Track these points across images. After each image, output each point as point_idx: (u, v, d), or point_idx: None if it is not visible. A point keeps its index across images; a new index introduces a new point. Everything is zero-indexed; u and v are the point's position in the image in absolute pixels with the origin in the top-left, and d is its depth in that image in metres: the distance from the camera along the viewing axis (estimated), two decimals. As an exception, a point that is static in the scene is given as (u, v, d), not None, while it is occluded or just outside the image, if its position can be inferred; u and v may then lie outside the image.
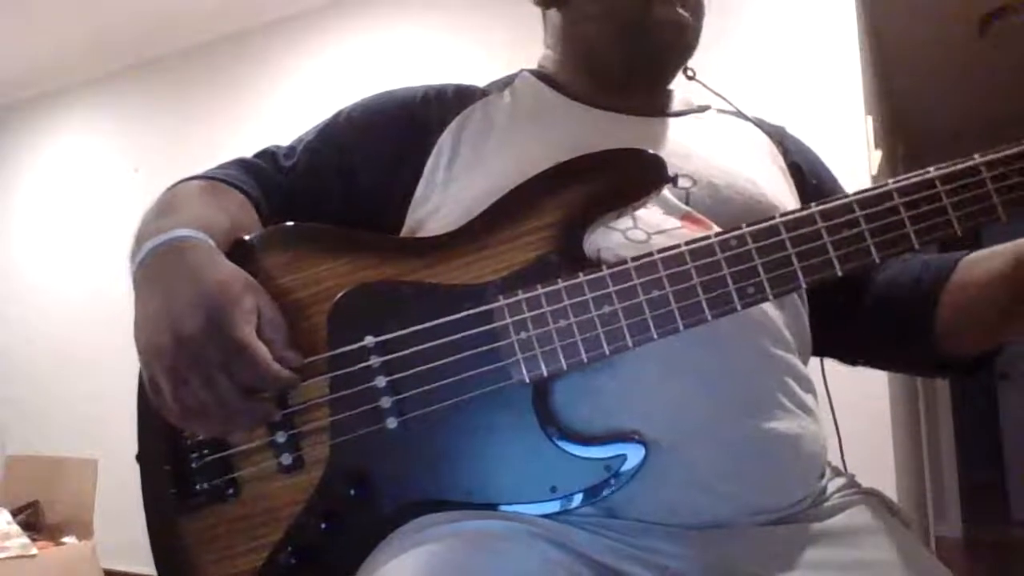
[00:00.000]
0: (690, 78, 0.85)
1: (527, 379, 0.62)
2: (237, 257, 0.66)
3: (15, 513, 2.37)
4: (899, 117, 3.89)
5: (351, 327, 0.65)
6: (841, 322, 0.80)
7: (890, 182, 0.61)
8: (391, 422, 0.63)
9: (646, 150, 0.67)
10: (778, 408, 0.66)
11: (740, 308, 0.61)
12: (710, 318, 0.60)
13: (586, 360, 0.61)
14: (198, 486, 0.66)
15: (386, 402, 0.63)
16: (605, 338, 0.61)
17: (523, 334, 0.62)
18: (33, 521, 2.41)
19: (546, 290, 0.62)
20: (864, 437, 1.09)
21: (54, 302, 3.75)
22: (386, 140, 0.78)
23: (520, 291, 0.63)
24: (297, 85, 3.22)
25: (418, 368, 0.63)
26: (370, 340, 0.64)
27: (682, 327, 0.61)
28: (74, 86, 3.83)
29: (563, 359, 0.61)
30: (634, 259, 0.62)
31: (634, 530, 0.62)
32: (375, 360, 0.64)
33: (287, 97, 3.22)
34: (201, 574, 0.66)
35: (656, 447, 0.61)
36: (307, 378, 0.64)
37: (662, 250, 0.62)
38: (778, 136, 0.86)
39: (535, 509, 0.62)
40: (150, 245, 0.65)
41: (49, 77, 3.79)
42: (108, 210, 3.61)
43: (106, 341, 3.07)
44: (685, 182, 0.72)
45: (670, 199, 0.70)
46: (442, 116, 0.78)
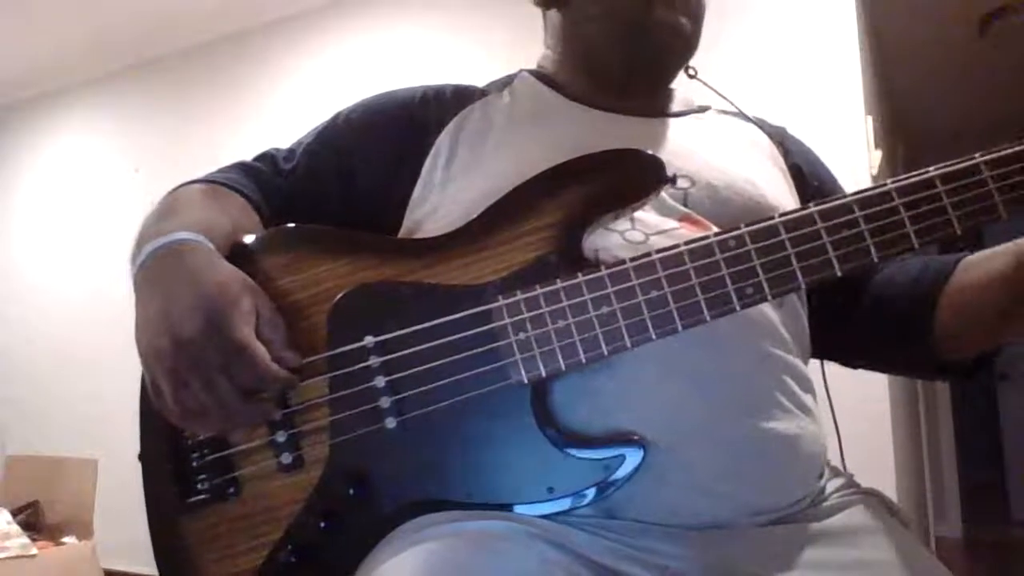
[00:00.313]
0: (692, 77, 0.85)
1: (525, 380, 0.62)
2: (238, 259, 0.66)
3: (15, 513, 2.37)
4: (899, 117, 3.89)
5: (351, 327, 0.65)
6: (840, 323, 0.80)
7: (889, 182, 0.61)
8: (390, 422, 0.63)
9: (645, 151, 0.67)
10: (777, 408, 0.66)
11: (739, 308, 0.61)
12: (709, 318, 0.60)
13: (584, 361, 0.61)
14: (199, 485, 0.66)
15: (385, 402, 0.63)
16: (603, 339, 0.61)
17: (521, 335, 0.62)
18: (33, 521, 2.41)
19: (545, 291, 0.62)
20: (864, 437, 1.09)
21: (54, 302, 3.75)
22: (385, 141, 0.78)
23: (519, 292, 0.63)
24: (297, 85, 3.22)
25: (417, 368, 0.63)
26: (369, 340, 0.64)
27: (681, 327, 0.61)
28: (74, 86, 3.83)
29: (561, 360, 0.61)
30: (633, 260, 0.62)
31: (633, 531, 0.63)
32: (374, 360, 0.64)
33: (287, 97, 3.22)
34: (202, 573, 0.66)
35: (655, 447, 0.61)
36: (307, 378, 0.64)
37: (660, 250, 0.62)
38: (779, 137, 0.86)
39: (534, 510, 0.62)
40: (150, 248, 0.65)
41: (49, 77, 3.79)
42: (108, 210, 3.61)
43: (106, 341, 3.07)
44: (684, 183, 0.72)
45: (668, 200, 0.70)
46: (440, 116, 0.78)
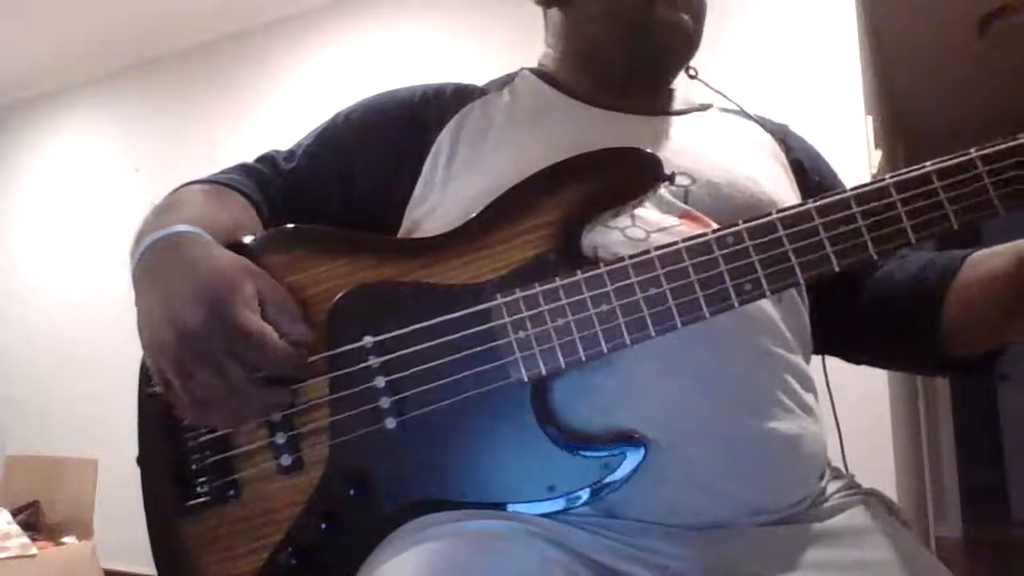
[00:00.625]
0: (692, 77, 0.85)
1: (525, 378, 0.62)
2: None
3: (15, 513, 2.37)
4: (899, 117, 3.89)
5: (350, 327, 0.65)
6: (840, 319, 0.80)
7: (886, 177, 0.60)
8: (390, 422, 0.63)
9: (643, 148, 0.67)
10: (778, 407, 0.66)
11: (738, 305, 0.61)
12: (708, 315, 0.60)
13: (584, 358, 0.61)
14: (199, 488, 0.66)
15: (385, 402, 0.63)
16: (603, 336, 0.61)
17: (521, 333, 0.62)
18: (33, 521, 2.41)
19: (544, 289, 0.62)
20: (864, 437, 1.09)
21: (54, 302, 3.75)
22: (385, 140, 0.78)
23: (518, 290, 0.63)
24: (297, 85, 3.22)
25: (417, 368, 0.63)
26: (369, 340, 0.64)
27: (680, 324, 0.61)
28: (74, 86, 3.83)
29: (561, 358, 0.61)
30: (631, 257, 0.62)
31: (633, 530, 0.62)
32: (374, 360, 0.64)
33: (287, 97, 3.22)
34: (202, 575, 0.66)
35: (655, 446, 0.61)
36: (307, 378, 0.64)
37: (659, 248, 0.62)
38: (780, 134, 0.86)
39: (534, 508, 0.62)
40: (148, 241, 0.65)
41: (49, 77, 3.79)
42: (108, 210, 3.61)
43: (106, 341, 3.08)
44: (684, 180, 0.71)
45: (669, 197, 0.70)
46: (440, 115, 0.78)
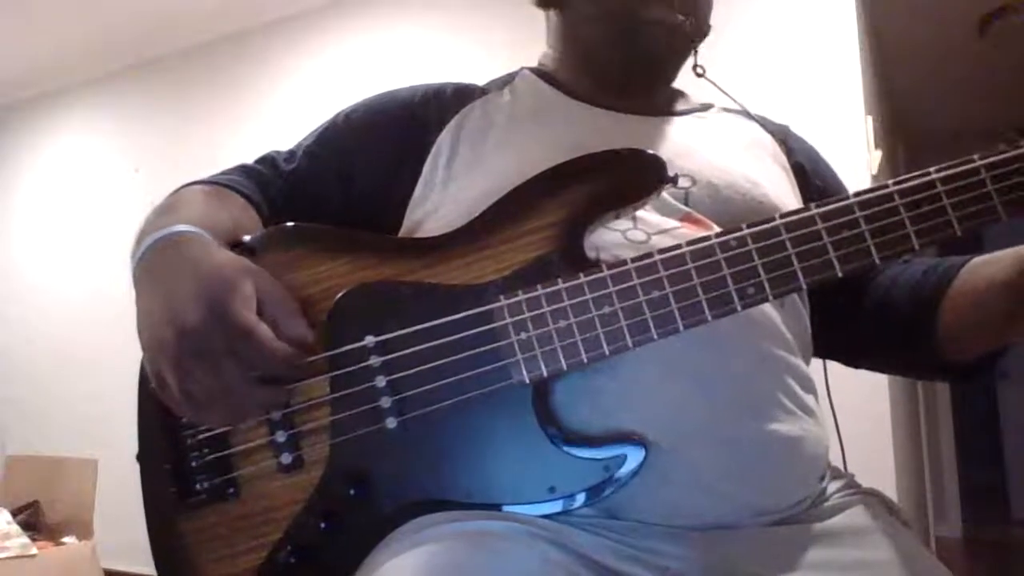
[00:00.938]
0: (699, 75, 0.85)
1: (527, 379, 0.61)
2: None
3: (15, 513, 2.37)
4: (899, 117, 3.89)
5: (351, 327, 0.65)
6: (842, 323, 0.80)
7: (890, 183, 0.61)
8: (391, 422, 0.63)
9: (646, 150, 0.67)
10: (779, 409, 0.66)
11: (740, 308, 0.61)
12: (710, 318, 0.60)
13: (586, 360, 0.61)
14: (198, 485, 0.66)
15: (386, 402, 0.63)
16: (605, 338, 0.61)
17: (523, 334, 0.62)
18: (33, 521, 2.41)
19: (546, 290, 0.62)
20: (864, 437, 1.09)
21: (54, 302, 3.75)
22: (386, 141, 0.78)
23: (520, 291, 0.63)
24: (297, 85, 3.22)
25: (418, 368, 0.63)
26: (370, 340, 0.64)
27: (682, 327, 0.60)
28: (74, 86, 3.83)
29: (563, 359, 0.61)
30: (634, 259, 0.62)
31: (634, 531, 0.62)
32: (375, 360, 0.64)
33: (287, 97, 3.22)
34: (201, 573, 0.66)
35: (656, 448, 0.61)
36: (307, 377, 0.64)
37: (662, 250, 0.62)
38: (781, 135, 0.86)
39: (534, 510, 0.62)
40: (149, 241, 0.65)
41: (49, 77, 3.79)
42: (108, 210, 3.61)
43: (106, 341, 3.08)
44: (685, 182, 0.71)
45: (669, 199, 0.70)
46: (441, 115, 0.78)
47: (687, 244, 0.62)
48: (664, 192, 0.69)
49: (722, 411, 0.64)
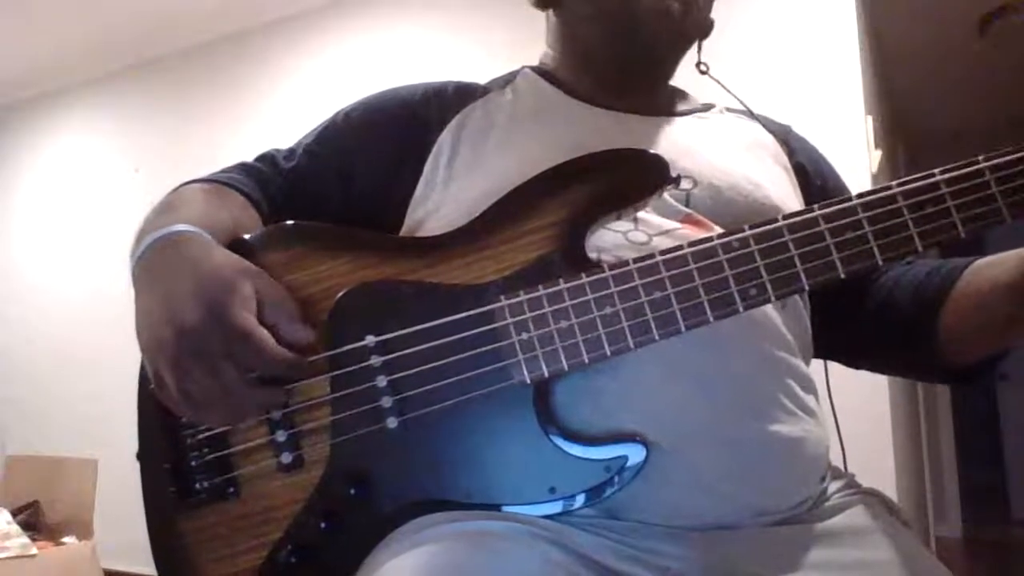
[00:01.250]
0: (703, 73, 0.85)
1: (528, 380, 0.61)
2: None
3: (15, 513, 2.37)
4: (899, 117, 3.89)
5: (352, 326, 0.65)
6: (843, 325, 0.80)
7: (894, 184, 0.60)
8: (391, 422, 0.63)
9: (648, 151, 0.67)
10: (780, 410, 0.66)
11: (742, 310, 0.61)
12: (712, 319, 0.60)
13: (587, 361, 0.61)
14: (198, 484, 0.66)
15: (386, 402, 0.63)
16: (607, 339, 0.61)
17: (524, 335, 0.62)
18: (33, 521, 2.41)
19: (548, 291, 0.62)
20: (864, 437, 1.09)
21: (54, 302, 3.75)
22: (386, 139, 0.78)
23: (522, 292, 0.63)
24: (297, 85, 3.21)
25: (419, 368, 0.63)
26: (371, 339, 0.64)
27: (684, 328, 0.60)
28: (74, 86, 3.83)
29: (564, 360, 0.61)
30: (636, 260, 0.62)
31: (635, 531, 0.62)
32: (376, 360, 0.64)
33: (287, 97, 3.22)
34: (201, 573, 0.66)
35: (657, 448, 0.61)
36: (307, 377, 0.64)
37: (664, 251, 0.62)
38: (783, 135, 0.86)
39: (535, 510, 0.62)
40: (148, 241, 0.65)
41: (49, 77, 3.79)
42: (108, 210, 3.61)
43: (106, 341, 3.08)
44: (686, 183, 0.71)
45: (670, 201, 0.70)
46: (442, 115, 0.78)
47: (689, 245, 0.62)
48: (666, 193, 0.69)
49: (723, 412, 0.63)
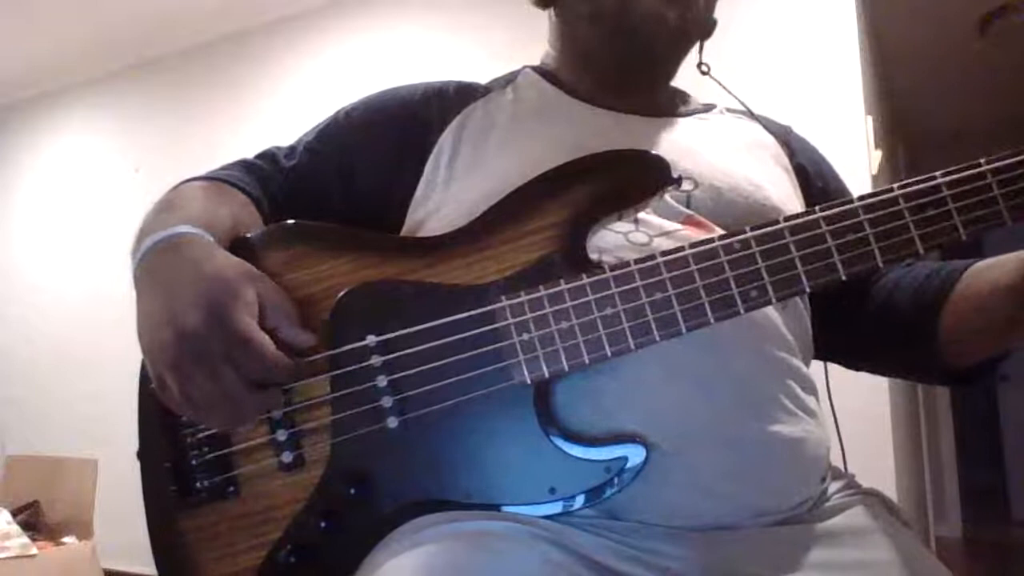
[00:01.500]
0: (704, 73, 0.85)
1: (528, 380, 0.61)
2: (238, 255, 0.66)
3: (15, 513, 2.37)
4: (899, 117, 3.89)
5: (353, 326, 0.65)
6: (843, 326, 0.80)
7: (895, 187, 0.60)
8: (392, 422, 0.63)
9: (650, 152, 0.67)
10: (780, 411, 0.66)
11: (743, 311, 0.60)
12: (713, 321, 0.60)
13: (588, 362, 0.61)
14: (198, 483, 0.66)
15: (387, 402, 0.63)
16: (607, 340, 0.61)
17: (525, 335, 0.62)
18: (33, 521, 2.41)
19: (549, 291, 0.62)
20: (864, 438, 1.09)
21: (54, 302, 3.75)
22: (386, 139, 0.78)
23: (522, 292, 0.63)
24: (297, 85, 3.21)
25: (419, 368, 0.63)
26: (371, 339, 0.64)
27: (685, 329, 0.60)
28: (74, 86, 3.83)
29: (565, 360, 0.61)
30: (637, 261, 0.62)
31: (635, 531, 0.62)
32: (376, 359, 0.64)
33: (287, 97, 3.22)
34: (201, 572, 0.66)
35: (657, 449, 0.61)
36: (308, 377, 0.64)
37: (665, 252, 0.62)
38: (783, 136, 0.86)
39: (535, 510, 0.61)
40: (149, 242, 0.65)
41: (49, 77, 3.79)
42: (108, 210, 3.61)
43: (106, 341, 3.08)
44: (687, 184, 0.71)
45: (671, 202, 0.70)
46: (443, 115, 0.78)
47: (690, 246, 0.62)
48: (666, 194, 0.69)
49: (723, 412, 0.63)
